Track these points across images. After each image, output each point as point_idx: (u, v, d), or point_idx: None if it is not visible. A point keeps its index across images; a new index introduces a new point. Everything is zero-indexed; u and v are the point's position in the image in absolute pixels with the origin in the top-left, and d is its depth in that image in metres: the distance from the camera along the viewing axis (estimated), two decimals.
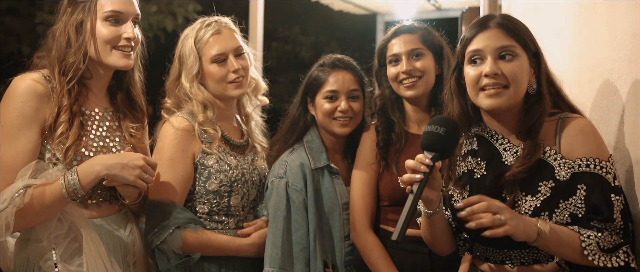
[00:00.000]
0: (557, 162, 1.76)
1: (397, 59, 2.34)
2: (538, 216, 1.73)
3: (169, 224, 2.17)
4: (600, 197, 1.70)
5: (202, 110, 2.31)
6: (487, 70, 1.77)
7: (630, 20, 1.85)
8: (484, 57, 1.79)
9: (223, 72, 2.32)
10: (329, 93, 2.38)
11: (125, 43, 2.11)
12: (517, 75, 1.77)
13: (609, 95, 1.99)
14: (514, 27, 1.81)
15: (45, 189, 1.96)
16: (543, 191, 1.75)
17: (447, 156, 1.78)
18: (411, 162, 1.71)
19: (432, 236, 1.93)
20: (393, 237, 1.65)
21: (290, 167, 2.33)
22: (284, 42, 11.45)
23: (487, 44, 1.79)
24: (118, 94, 2.24)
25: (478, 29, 1.83)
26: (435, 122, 1.76)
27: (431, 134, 1.74)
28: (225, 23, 2.38)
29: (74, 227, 2.04)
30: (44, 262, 2.00)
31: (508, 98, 1.78)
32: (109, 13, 2.09)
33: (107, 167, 1.99)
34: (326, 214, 2.35)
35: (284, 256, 2.25)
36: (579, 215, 1.72)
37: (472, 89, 1.82)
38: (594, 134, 1.77)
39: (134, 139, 2.21)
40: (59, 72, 2.06)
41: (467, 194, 1.86)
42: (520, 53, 1.79)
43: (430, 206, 1.82)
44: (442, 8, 7.15)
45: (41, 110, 2.02)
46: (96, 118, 2.15)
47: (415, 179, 1.69)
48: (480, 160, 1.87)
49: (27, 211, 1.93)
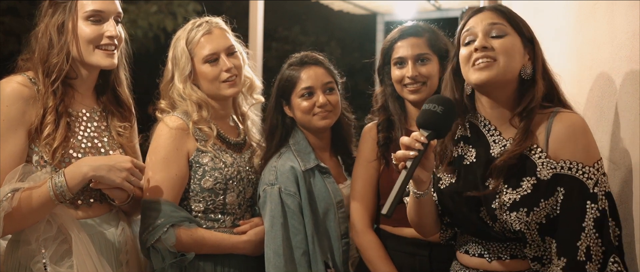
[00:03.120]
0: (540, 161, 1.76)
1: (402, 62, 2.33)
2: (516, 210, 1.74)
3: (163, 223, 2.17)
4: (576, 203, 1.70)
5: (197, 110, 2.31)
6: (476, 44, 1.78)
7: (630, 20, 1.85)
8: (475, 34, 1.81)
9: (216, 72, 2.32)
10: (304, 90, 2.37)
11: (107, 41, 2.10)
12: (508, 49, 1.78)
13: (609, 95, 1.99)
14: (508, 11, 1.85)
15: (33, 192, 1.96)
16: (525, 187, 1.75)
17: (443, 136, 1.79)
18: (406, 139, 1.72)
19: (418, 217, 1.95)
20: (383, 211, 1.66)
21: (281, 172, 2.32)
22: (284, 42, 11.44)
23: (478, 21, 1.82)
24: (105, 94, 2.24)
25: (472, 13, 1.86)
26: (433, 101, 1.76)
27: (428, 112, 1.74)
28: (216, 23, 2.39)
29: (63, 229, 2.03)
30: (33, 264, 2.00)
31: (497, 71, 1.77)
32: (90, 12, 2.08)
33: (94, 168, 1.99)
34: (321, 215, 2.35)
35: (286, 263, 2.25)
36: (551, 216, 1.73)
37: (464, 67, 1.83)
38: (583, 134, 1.75)
39: (122, 138, 2.21)
40: (43, 74, 2.06)
41: (455, 178, 1.88)
42: (511, 32, 1.81)
43: (420, 186, 1.82)
44: (442, 8, 7.14)
45: (27, 113, 2.02)
46: (83, 119, 2.15)
47: (408, 156, 1.70)
48: (471, 147, 1.88)
49: (16, 214, 1.93)
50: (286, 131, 2.43)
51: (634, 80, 1.81)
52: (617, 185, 1.92)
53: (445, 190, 1.90)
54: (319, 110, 2.37)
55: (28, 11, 8.39)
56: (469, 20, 1.86)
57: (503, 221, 1.77)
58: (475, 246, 1.88)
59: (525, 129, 1.78)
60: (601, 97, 2.05)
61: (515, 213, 1.74)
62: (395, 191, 1.66)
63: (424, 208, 1.91)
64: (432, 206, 1.93)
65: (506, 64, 1.77)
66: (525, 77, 1.81)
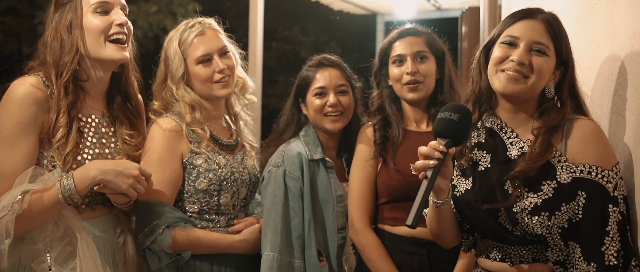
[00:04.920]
0: (560, 165, 1.76)
1: (401, 60, 2.35)
2: (537, 214, 1.73)
3: (158, 224, 2.17)
4: (598, 207, 1.70)
5: (190, 111, 2.32)
6: (515, 57, 1.78)
7: (630, 20, 1.85)
8: (518, 44, 1.81)
9: (209, 73, 2.33)
10: (317, 89, 2.45)
11: (118, 29, 2.10)
12: (542, 70, 1.79)
13: (609, 95, 1.99)
14: (558, 29, 1.83)
15: (43, 194, 1.96)
16: (545, 191, 1.75)
17: (461, 143, 1.79)
18: (424, 148, 1.71)
19: (439, 227, 1.93)
20: (408, 222, 1.65)
21: (288, 156, 2.39)
22: (284, 42, 11.44)
23: (525, 33, 1.81)
24: (116, 98, 2.24)
25: (524, 16, 1.84)
26: (448, 109, 1.76)
27: (445, 120, 1.74)
28: (208, 24, 2.39)
29: (70, 231, 2.03)
30: (37, 264, 2.00)
31: (524, 88, 1.79)
32: (95, 4, 2.09)
33: (102, 172, 1.99)
34: (320, 204, 2.39)
35: (283, 241, 2.29)
36: (573, 221, 1.73)
37: (494, 67, 1.83)
38: (600, 139, 1.76)
39: (127, 146, 2.20)
40: (56, 76, 2.05)
41: (470, 185, 1.87)
42: (551, 55, 1.81)
43: (440, 195, 1.82)
44: (442, 8, 7.15)
45: (39, 116, 2.01)
46: (93, 125, 2.14)
47: (428, 165, 1.69)
48: (485, 152, 1.88)
49: (25, 216, 1.93)
50: (299, 126, 2.52)
51: (634, 80, 1.81)
52: None
53: (461, 197, 1.89)
54: (329, 110, 2.42)
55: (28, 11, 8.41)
56: (518, 21, 1.84)
57: (525, 225, 1.76)
58: (496, 251, 1.87)
59: (546, 142, 1.78)
60: (601, 97, 2.05)
61: (536, 217, 1.74)
62: (418, 202, 1.66)
63: (443, 217, 1.90)
64: (451, 215, 1.93)
65: (535, 83, 1.79)
66: (548, 95, 1.83)
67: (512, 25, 1.84)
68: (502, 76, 1.80)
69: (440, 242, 2.02)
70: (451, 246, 2.03)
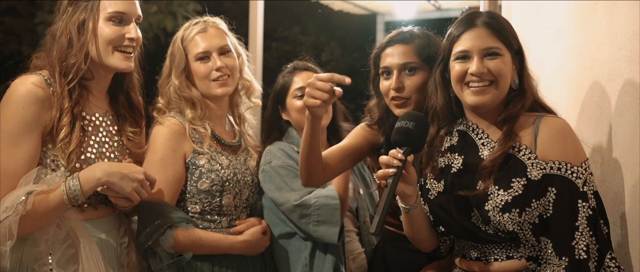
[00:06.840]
0: (530, 162, 1.79)
1: (388, 72, 2.21)
2: (508, 211, 1.77)
3: (160, 224, 2.17)
4: (568, 203, 1.73)
5: (191, 107, 2.33)
6: (473, 70, 1.83)
7: (630, 20, 1.85)
8: (471, 56, 1.85)
9: (206, 70, 2.35)
10: (297, 91, 2.54)
11: (128, 43, 2.10)
12: (502, 71, 1.83)
13: (609, 95, 1.99)
14: (500, 26, 1.87)
15: (48, 195, 1.95)
16: (515, 187, 1.78)
17: (418, 150, 1.84)
18: (384, 157, 1.77)
19: (413, 231, 1.98)
20: (371, 230, 1.72)
21: (274, 153, 2.46)
22: (284, 42, 11.43)
23: (473, 44, 1.84)
24: (118, 96, 2.23)
25: (465, 28, 1.87)
26: (405, 117, 1.82)
27: (402, 129, 1.80)
28: (213, 22, 2.42)
29: (72, 234, 2.03)
30: (39, 266, 1.99)
31: (493, 95, 1.83)
32: (112, 13, 2.07)
33: (108, 174, 1.98)
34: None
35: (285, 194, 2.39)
36: (544, 217, 1.76)
37: (457, 84, 1.87)
38: (570, 136, 1.80)
39: (131, 143, 2.20)
40: (60, 74, 2.03)
41: (442, 187, 1.91)
42: (505, 52, 1.85)
43: (407, 201, 1.87)
44: (442, 8, 7.14)
45: (42, 115, 2.00)
46: (96, 123, 2.14)
47: (388, 173, 1.75)
48: (457, 155, 1.91)
49: (30, 217, 1.92)
50: (281, 133, 2.58)
51: (634, 80, 1.81)
52: (616, 185, 1.92)
53: (435, 200, 1.93)
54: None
55: (28, 11, 8.41)
56: (462, 34, 1.87)
57: (496, 222, 1.79)
58: (472, 250, 1.91)
59: (509, 131, 1.83)
60: (601, 97, 2.05)
61: (507, 214, 1.77)
62: (380, 209, 1.71)
63: (416, 221, 1.94)
64: (424, 218, 1.97)
65: (502, 86, 1.84)
66: (514, 87, 1.88)
67: (458, 41, 1.87)
68: (469, 92, 1.85)
69: (419, 247, 2.05)
70: (430, 250, 2.05)
